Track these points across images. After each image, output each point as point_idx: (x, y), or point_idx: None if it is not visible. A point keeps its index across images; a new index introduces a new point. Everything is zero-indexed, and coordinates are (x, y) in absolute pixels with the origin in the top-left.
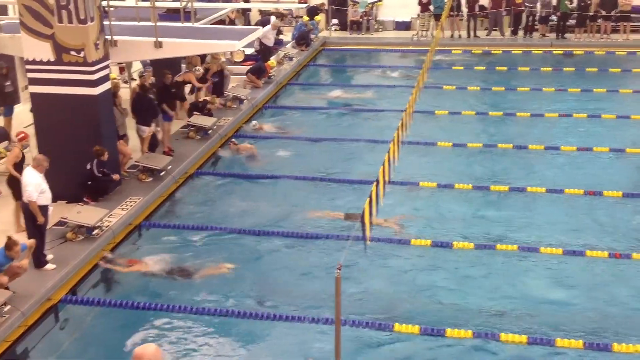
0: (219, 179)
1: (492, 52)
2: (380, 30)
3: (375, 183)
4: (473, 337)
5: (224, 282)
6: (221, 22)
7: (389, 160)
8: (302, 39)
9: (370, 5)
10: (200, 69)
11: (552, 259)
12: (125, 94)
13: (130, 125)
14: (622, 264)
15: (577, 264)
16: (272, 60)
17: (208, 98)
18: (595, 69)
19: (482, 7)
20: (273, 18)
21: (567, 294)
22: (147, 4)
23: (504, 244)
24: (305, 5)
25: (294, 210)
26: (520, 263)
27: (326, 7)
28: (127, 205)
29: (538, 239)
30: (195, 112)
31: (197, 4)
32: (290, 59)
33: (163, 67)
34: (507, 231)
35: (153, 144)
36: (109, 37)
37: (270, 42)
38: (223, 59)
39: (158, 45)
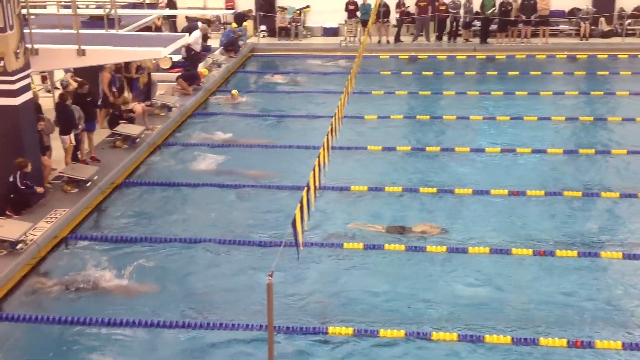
0: (148, 189)
1: (419, 57)
2: (308, 36)
3: (305, 189)
4: (406, 337)
5: (155, 292)
6: (147, 29)
7: (319, 166)
8: (230, 45)
9: (298, 12)
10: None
11: (480, 258)
12: (48, 103)
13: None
14: (546, 261)
15: (503, 263)
16: (204, 69)
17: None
18: (517, 73)
19: (408, 13)
20: (200, 24)
21: (495, 291)
22: (69, 11)
23: (434, 245)
24: (232, 11)
25: (226, 217)
26: (449, 263)
27: (254, 13)
28: (52, 217)
29: (466, 239)
30: (120, 121)
31: (121, 11)
32: (219, 65)
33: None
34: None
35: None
36: (29, 46)
37: (198, 48)
38: (150, 65)
39: (81, 53)
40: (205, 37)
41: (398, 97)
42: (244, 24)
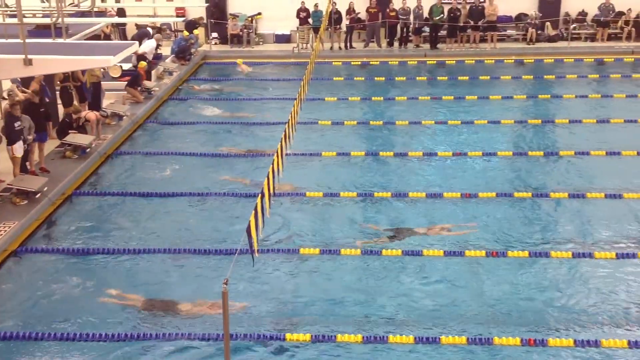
0: (99, 199)
1: (370, 63)
2: (260, 43)
3: (260, 195)
4: (363, 342)
5: (110, 305)
6: (96, 37)
7: (273, 173)
8: (181, 53)
9: (250, 19)
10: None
11: (435, 260)
12: None
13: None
14: (498, 262)
15: (457, 264)
16: (143, 62)
17: (84, 113)
18: (467, 77)
19: (358, 20)
20: (150, 30)
21: (450, 293)
22: (15, 20)
23: (390, 249)
24: (183, 19)
25: (179, 227)
26: (405, 266)
27: (205, 21)
28: (1, 230)
29: (421, 242)
30: (70, 131)
31: (68, 20)
32: (170, 73)
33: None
34: (392, 236)
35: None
36: None
37: (150, 57)
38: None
39: (28, 62)
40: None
41: (351, 103)
42: (195, 31)
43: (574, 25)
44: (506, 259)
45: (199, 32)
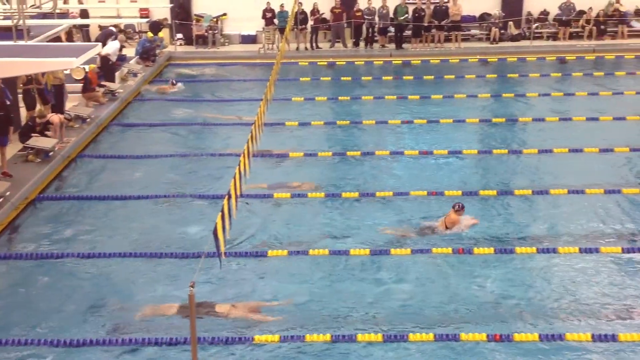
0: (63, 203)
1: (337, 63)
2: (226, 44)
3: (227, 197)
4: (332, 341)
5: (76, 310)
6: (58, 39)
7: (240, 174)
8: (145, 54)
9: (215, 19)
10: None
11: (402, 258)
12: None
13: None
14: (464, 259)
15: (423, 262)
16: (92, 65)
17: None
18: (432, 77)
19: (323, 20)
20: (113, 29)
21: (417, 291)
22: None
23: (357, 248)
24: (147, 20)
25: (145, 230)
26: (371, 266)
27: (169, 22)
28: None
29: (388, 240)
30: (32, 134)
31: (30, 22)
32: (135, 75)
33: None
34: (359, 235)
35: None
36: None
37: (114, 58)
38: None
39: None
40: (120, 47)
41: (318, 103)
42: (160, 34)
43: (536, 24)
44: (472, 256)
45: (164, 34)
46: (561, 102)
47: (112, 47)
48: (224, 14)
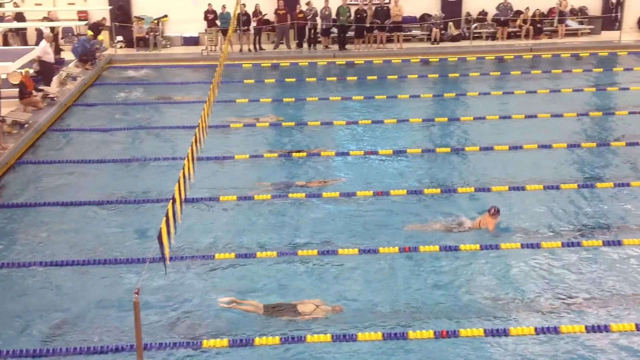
0: (3, 211)
1: (281, 64)
2: (168, 46)
3: (171, 201)
4: (281, 343)
5: (14, 319)
6: None
7: (184, 177)
8: (85, 56)
9: (156, 21)
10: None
11: (349, 258)
12: None
13: None
14: (412, 257)
15: (372, 262)
16: (27, 69)
17: None
18: (375, 77)
19: (266, 21)
20: (45, 30)
21: (365, 290)
22: None
23: (306, 249)
24: (85, 22)
25: (88, 236)
26: (322, 266)
27: (108, 23)
28: None
29: (335, 241)
30: None
31: None
32: (74, 78)
33: None
34: (307, 236)
35: None
36: None
37: (51, 59)
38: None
39: None
40: (57, 50)
41: (263, 105)
42: (100, 37)
43: (475, 24)
44: (418, 254)
45: (104, 37)
46: (501, 100)
47: (40, 47)
48: (165, 16)
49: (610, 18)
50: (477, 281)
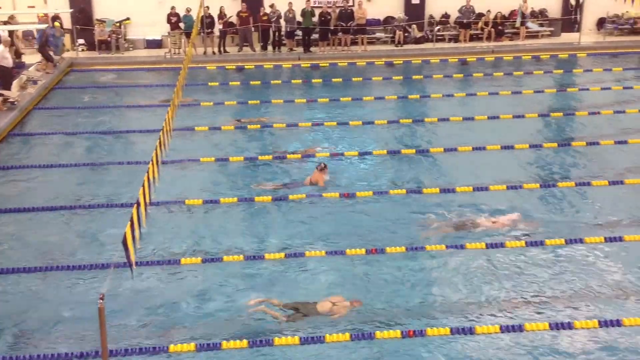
0: None
1: (245, 67)
2: (130, 49)
3: (135, 205)
4: (249, 346)
5: None
6: None
7: (148, 181)
8: (43, 47)
9: (118, 24)
10: None
11: (316, 260)
12: None
13: None
14: (377, 258)
15: (339, 263)
16: None
17: None
18: (340, 80)
19: (230, 24)
20: (2, 34)
21: (332, 291)
22: None
23: (273, 252)
24: (46, 26)
25: (51, 242)
26: (287, 269)
27: (69, 27)
28: None
29: (303, 242)
30: None
31: None
32: (35, 82)
33: None
34: (275, 239)
35: None
36: None
37: (9, 63)
38: None
39: None
40: (18, 54)
41: (228, 108)
42: (56, 24)
43: (438, 27)
44: (385, 255)
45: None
46: (464, 102)
47: None
48: (127, 19)
49: (570, 20)
50: (443, 281)
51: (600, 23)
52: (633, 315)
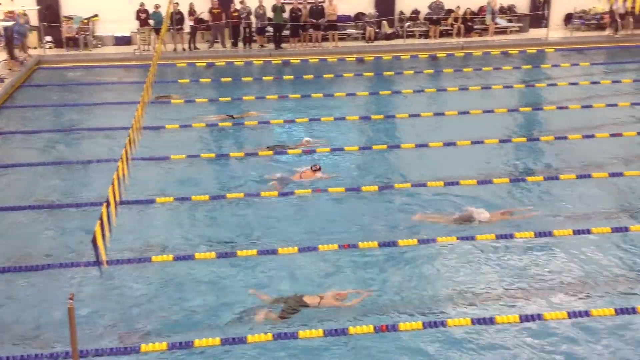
0: None
1: (216, 64)
2: (99, 45)
3: (105, 204)
4: (221, 344)
5: None
6: None
7: (118, 179)
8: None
9: (86, 21)
10: None
11: (289, 257)
12: None
13: None
14: (351, 254)
15: (310, 259)
16: None
17: None
18: (312, 76)
19: (201, 20)
20: None
21: (301, 289)
22: None
23: (244, 249)
24: (13, 22)
25: (18, 242)
26: (257, 266)
27: (37, 24)
28: None
29: (276, 240)
30: None
31: None
32: (2, 80)
33: None
34: (246, 237)
35: None
36: None
37: None
38: None
39: None
40: None
41: (198, 105)
42: (19, 10)
43: (408, 23)
44: (357, 249)
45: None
46: (434, 97)
47: None
48: (95, 15)
49: (538, 16)
50: (415, 275)
51: (568, 19)
52: (600, 306)
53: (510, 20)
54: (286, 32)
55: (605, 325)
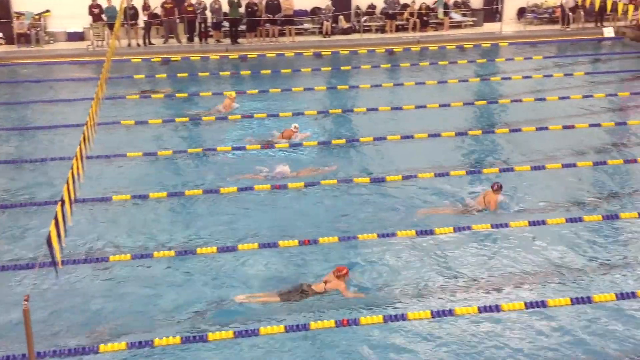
0: None
1: (172, 59)
2: (51, 42)
3: (60, 203)
4: (182, 342)
5: None
6: None
7: (73, 177)
8: None
9: (38, 16)
10: None
11: (250, 253)
12: None
13: None
14: (311, 249)
15: (272, 255)
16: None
17: None
18: (269, 71)
19: (155, 15)
20: None
21: (268, 286)
22: None
23: (205, 247)
24: None
25: None
26: (216, 263)
27: None
28: None
29: (237, 236)
30: None
31: None
32: None
33: None
34: (205, 234)
35: None
36: None
37: None
38: None
39: None
40: None
41: (155, 101)
42: None
43: (364, 17)
44: (317, 246)
45: None
46: (392, 92)
47: None
48: (47, 11)
49: (492, 10)
50: (374, 269)
51: (521, 13)
52: (557, 296)
53: (464, 15)
54: (242, 27)
55: (562, 314)
